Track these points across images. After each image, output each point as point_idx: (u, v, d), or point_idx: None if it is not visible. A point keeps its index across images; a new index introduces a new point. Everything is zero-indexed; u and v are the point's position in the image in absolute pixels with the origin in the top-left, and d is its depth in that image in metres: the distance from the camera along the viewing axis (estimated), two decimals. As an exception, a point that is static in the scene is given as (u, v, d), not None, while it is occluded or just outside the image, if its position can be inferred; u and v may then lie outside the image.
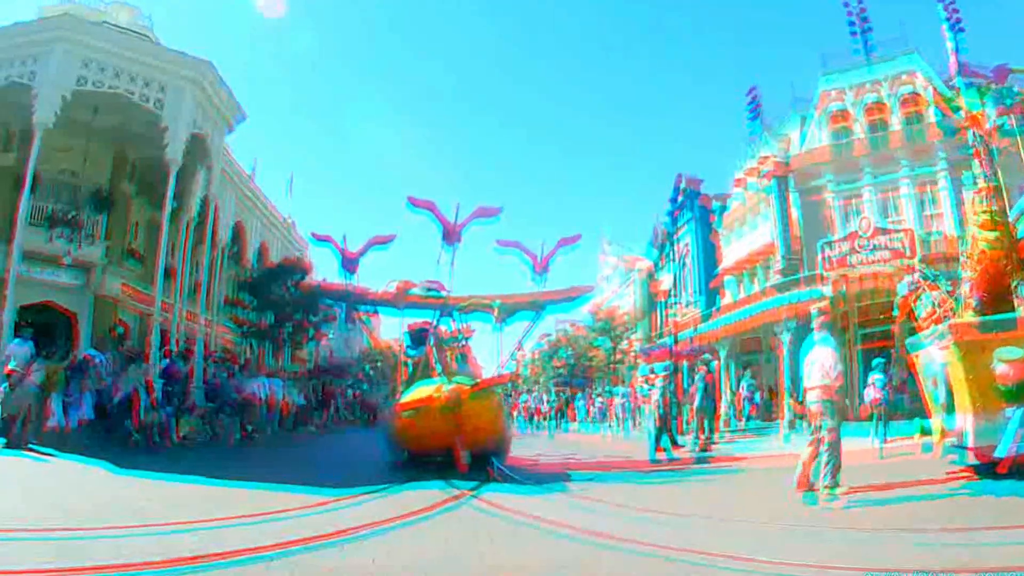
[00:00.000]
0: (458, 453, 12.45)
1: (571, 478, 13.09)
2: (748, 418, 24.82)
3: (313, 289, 21.52)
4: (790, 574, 5.32)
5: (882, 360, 17.26)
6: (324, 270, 45.92)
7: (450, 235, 16.25)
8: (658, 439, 16.98)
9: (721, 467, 15.32)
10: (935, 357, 10.70)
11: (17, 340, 14.82)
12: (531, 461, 16.38)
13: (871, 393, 16.19)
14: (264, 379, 23.33)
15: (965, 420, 9.53)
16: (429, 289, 17.18)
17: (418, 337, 17.57)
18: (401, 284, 16.68)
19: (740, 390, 25.23)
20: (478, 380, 14.57)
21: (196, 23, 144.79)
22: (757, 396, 27.22)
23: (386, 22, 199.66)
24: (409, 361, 18.35)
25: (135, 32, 23.84)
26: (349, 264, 16.48)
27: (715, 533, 7.14)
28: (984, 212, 11.22)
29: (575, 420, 39.99)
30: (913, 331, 11.31)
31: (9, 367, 13.64)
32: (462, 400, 12.81)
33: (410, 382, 15.93)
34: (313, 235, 17.65)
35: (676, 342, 34.97)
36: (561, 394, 46.65)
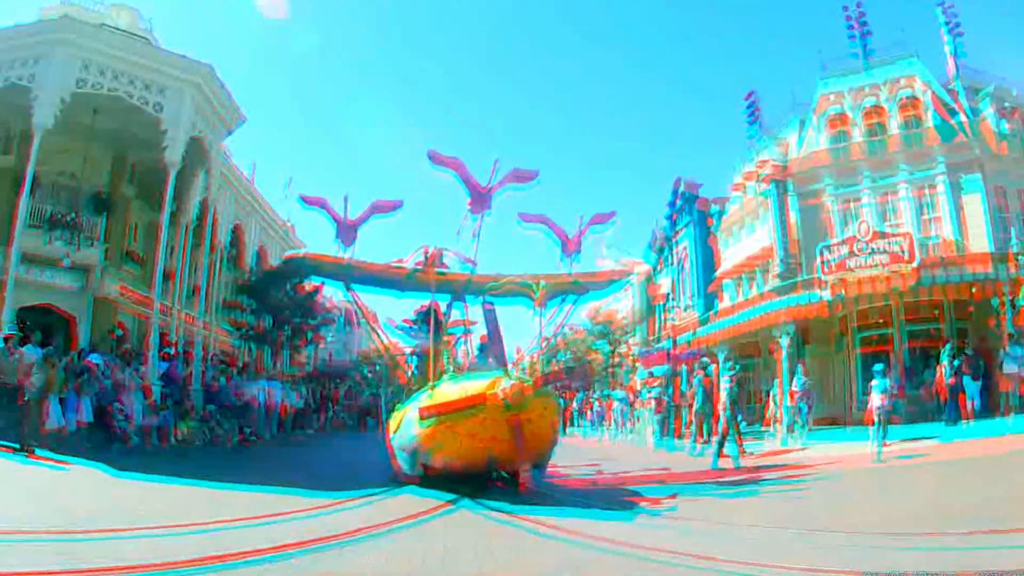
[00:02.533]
0: (518, 467, 10.24)
1: (639, 493, 11.34)
2: (804, 423, 21.23)
3: (299, 261, 16.54)
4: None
5: (882, 365, 17.12)
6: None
7: (479, 200, 13.76)
8: (722, 444, 15.89)
9: (799, 476, 13.17)
10: None
11: (28, 347, 15.06)
12: (559, 473, 14.68)
13: (875, 399, 15.84)
14: (263, 382, 23.34)
15: None
16: (464, 263, 14.43)
17: (430, 321, 14.54)
18: (434, 252, 13.72)
19: (793, 387, 22.06)
20: (534, 375, 12.32)
21: (196, 25, 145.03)
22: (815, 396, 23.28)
23: (388, 21, 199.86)
24: (415, 353, 14.80)
25: (135, 35, 23.85)
26: (346, 233, 13.81)
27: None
28: None
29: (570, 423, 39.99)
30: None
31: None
32: (528, 398, 10.18)
33: (423, 379, 12.92)
34: (302, 198, 14.37)
35: (674, 345, 34.98)
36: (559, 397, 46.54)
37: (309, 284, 35.79)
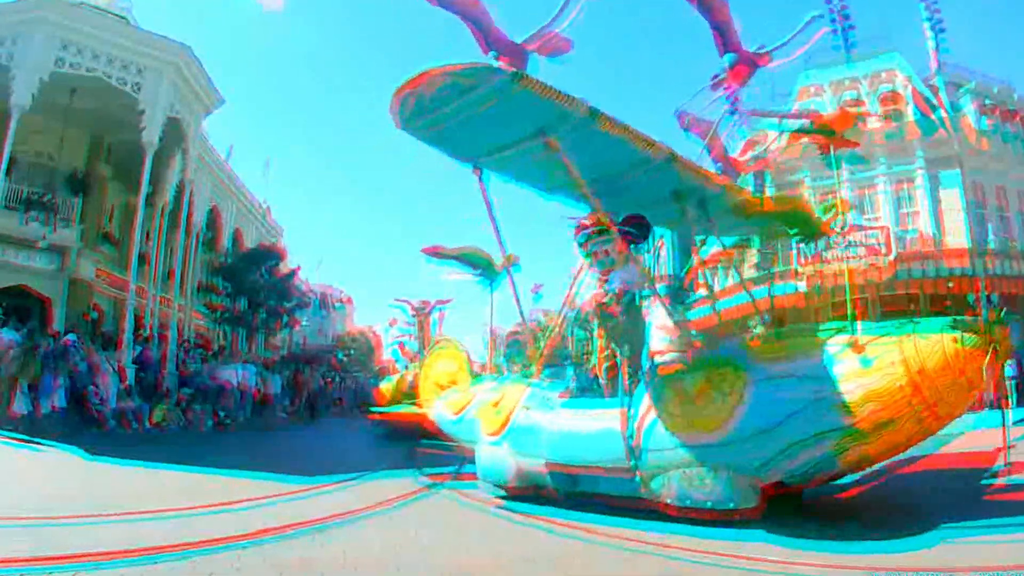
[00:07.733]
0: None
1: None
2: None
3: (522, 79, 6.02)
4: (793, 572, 5.34)
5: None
6: (300, 260, 45.25)
7: (745, 64, 8.50)
8: None
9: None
10: None
11: (5, 330, 15.02)
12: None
13: None
14: (238, 366, 23.22)
15: None
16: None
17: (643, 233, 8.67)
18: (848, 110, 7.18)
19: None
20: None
21: (174, 4, 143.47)
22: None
23: (371, 6, 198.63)
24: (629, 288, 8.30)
25: (114, 14, 23.53)
26: (516, 55, 8.52)
27: None
28: None
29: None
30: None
31: None
32: None
33: (624, 333, 8.12)
34: None
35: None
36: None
37: (284, 266, 35.77)
